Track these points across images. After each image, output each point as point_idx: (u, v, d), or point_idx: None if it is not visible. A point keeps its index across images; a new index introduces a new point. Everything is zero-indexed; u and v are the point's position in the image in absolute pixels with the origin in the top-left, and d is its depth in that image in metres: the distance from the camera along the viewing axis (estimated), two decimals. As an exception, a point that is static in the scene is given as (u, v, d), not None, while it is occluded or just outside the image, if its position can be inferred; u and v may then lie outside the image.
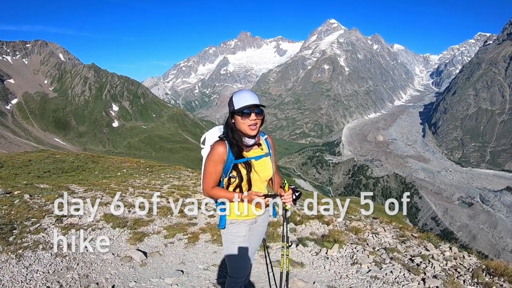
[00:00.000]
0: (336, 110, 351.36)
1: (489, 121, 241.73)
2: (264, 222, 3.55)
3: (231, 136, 3.10)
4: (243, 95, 3.02)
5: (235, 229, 3.29)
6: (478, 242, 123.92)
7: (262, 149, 3.26)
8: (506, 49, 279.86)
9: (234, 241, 3.29)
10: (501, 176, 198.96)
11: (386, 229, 8.98)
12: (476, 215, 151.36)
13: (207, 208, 10.01)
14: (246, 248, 3.34)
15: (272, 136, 3.53)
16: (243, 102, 2.96)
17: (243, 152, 3.13)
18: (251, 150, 3.18)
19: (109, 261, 5.65)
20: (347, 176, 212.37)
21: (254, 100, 2.99)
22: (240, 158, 3.10)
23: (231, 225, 3.28)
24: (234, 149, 3.08)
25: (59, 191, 10.23)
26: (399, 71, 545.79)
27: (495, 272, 5.39)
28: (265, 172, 3.23)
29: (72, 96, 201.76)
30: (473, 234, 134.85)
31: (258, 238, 3.59)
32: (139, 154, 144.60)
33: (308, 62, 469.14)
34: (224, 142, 3.10)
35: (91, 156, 30.49)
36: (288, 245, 3.47)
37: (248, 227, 3.36)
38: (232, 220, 3.27)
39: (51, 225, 6.70)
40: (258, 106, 3.01)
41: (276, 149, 3.59)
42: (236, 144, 3.08)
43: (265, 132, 3.43)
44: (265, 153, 3.27)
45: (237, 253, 3.28)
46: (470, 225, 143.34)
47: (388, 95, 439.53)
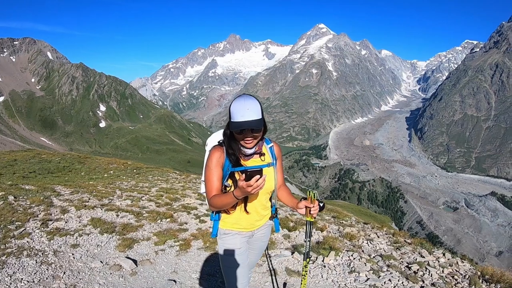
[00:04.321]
0: (323, 114, 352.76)
1: (474, 127, 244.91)
2: (264, 237, 3.27)
3: (227, 145, 2.84)
4: (241, 107, 2.62)
5: (230, 240, 3.00)
6: (463, 246, 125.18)
7: (264, 159, 2.95)
8: (492, 57, 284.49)
9: (229, 253, 3.00)
10: (486, 181, 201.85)
11: (379, 235, 8.98)
12: (461, 220, 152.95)
13: (197, 213, 9.79)
14: (243, 261, 3.04)
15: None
16: (239, 117, 2.61)
17: (240, 160, 2.85)
18: (250, 159, 2.89)
19: (98, 270, 5.34)
20: (333, 179, 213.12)
21: (252, 115, 2.60)
22: (237, 166, 2.80)
23: (224, 235, 3.01)
24: (230, 157, 2.81)
25: (45, 192, 9.90)
26: (387, 76, 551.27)
27: (491, 279, 5.33)
28: (265, 184, 2.67)
29: (59, 95, 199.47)
30: (458, 238, 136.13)
31: (257, 253, 3.33)
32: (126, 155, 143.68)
33: (297, 66, 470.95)
34: (221, 148, 2.85)
35: (77, 157, 30.00)
36: (308, 260, 3.29)
37: (245, 239, 3.08)
38: (225, 230, 3.01)
39: (36, 230, 6.38)
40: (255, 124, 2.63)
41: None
42: (233, 153, 2.81)
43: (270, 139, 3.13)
44: (267, 163, 2.95)
45: (232, 266, 3.01)
46: (455, 229, 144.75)
47: (375, 100, 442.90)
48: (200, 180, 21.20)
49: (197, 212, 9.93)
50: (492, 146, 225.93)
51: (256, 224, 3.07)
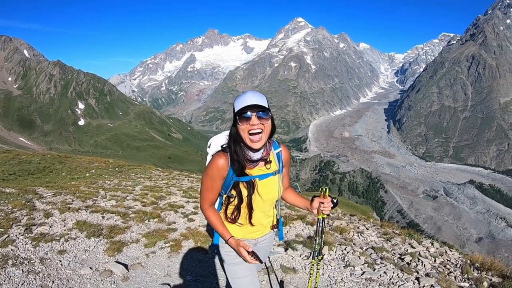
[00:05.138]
0: (302, 107, 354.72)
1: (452, 118, 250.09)
2: (268, 246, 3.04)
3: (232, 148, 2.54)
4: (245, 95, 2.44)
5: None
6: (443, 233, 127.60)
7: (270, 167, 2.67)
8: (469, 49, 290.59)
9: (233, 262, 2.76)
10: (464, 170, 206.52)
11: (367, 227, 8.99)
12: (440, 208, 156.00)
13: (185, 212, 9.61)
14: (252, 269, 2.85)
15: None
16: (244, 103, 2.39)
17: (245, 169, 2.57)
18: (255, 167, 2.61)
19: (88, 277, 5.05)
20: (314, 171, 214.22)
21: (256, 100, 2.39)
22: (242, 175, 2.56)
23: (226, 244, 2.74)
24: (235, 166, 2.53)
25: (27, 195, 9.51)
26: (365, 69, 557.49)
27: (482, 267, 5.50)
28: (269, 194, 2.68)
29: (37, 94, 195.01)
30: (438, 226, 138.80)
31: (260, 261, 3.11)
32: (106, 152, 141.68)
33: (275, 60, 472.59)
34: (225, 155, 2.56)
35: (58, 156, 29.42)
36: (321, 257, 3.07)
37: (250, 245, 2.78)
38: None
39: (20, 236, 5.95)
40: (261, 108, 2.40)
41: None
42: (237, 160, 2.52)
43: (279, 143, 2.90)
44: (273, 171, 2.68)
45: (239, 276, 2.77)
46: (435, 217, 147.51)
47: (354, 92, 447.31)
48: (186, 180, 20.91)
49: (184, 210, 9.71)
50: (469, 136, 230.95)
51: (260, 233, 2.86)
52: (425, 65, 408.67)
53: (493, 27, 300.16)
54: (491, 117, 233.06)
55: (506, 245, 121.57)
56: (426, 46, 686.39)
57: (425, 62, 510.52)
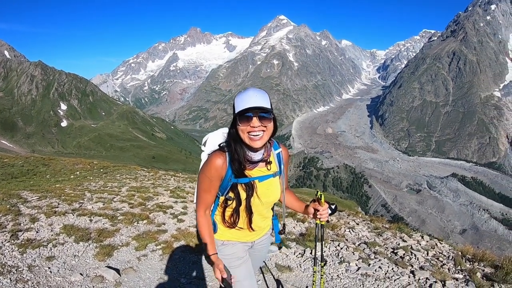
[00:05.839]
0: (285, 104, 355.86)
1: (433, 113, 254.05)
2: (264, 248, 2.92)
3: (233, 148, 2.39)
4: (247, 94, 2.29)
5: (230, 250, 2.65)
6: (428, 226, 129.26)
7: (270, 168, 2.52)
8: (449, 45, 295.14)
9: (233, 264, 2.59)
10: (446, 163, 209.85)
11: (357, 222, 9.13)
12: (424, 201, 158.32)
13: (174, 212, 9.48)
14: (250, 271, 2.71)
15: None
16: (245, 103, 2.24)
17: (245, 170, 2.41)
18: (255, 168, 2.45)
19: (78, 284, 4.84)
20: (298, 168, 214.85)
21: (259, 101, 2.24)
22: (241, 176, 2.41)
23: (223, 246, 2.64)
24: (235, 166, 2.38)
25: (11, 200, 9.25)
26: (347, 66, 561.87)
27: (474, 258, 5.60)
28: (270, 197, 2.54)
29: (18, 96, 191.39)
30: (422, 219, 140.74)
31: (256, 264, 3.00)
32: (90, 153, 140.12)
33: (258, 58, 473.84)
34: (224, 154, 2.41)
35: (41, 159, 28.98)
36: (323, 264, 2.91)
37: (246, 247, 2.74)
38: (224, 241, 2.65)
39: (6, 243, 5.69)
40: (263, 109, 2.25)
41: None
42: (238, 160, 2.37)
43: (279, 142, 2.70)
44: (273, 173, 2.54)
45: (240, 279, 2.57)
46: (419, 210, 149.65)
47: (336, 89, 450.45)
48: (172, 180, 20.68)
49: (173, 211, 9.56)
50: (451, 130, 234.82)
51: (257, 235, 2.74)
52: (406, 61, 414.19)
53: (474, 23, 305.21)
54: (472, 112, 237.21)
55: (489, 236, 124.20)
56: (407, 42, 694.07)
57: (406, 59, 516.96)
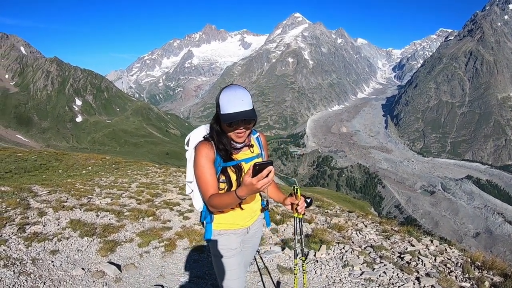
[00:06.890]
0: (300, 102, 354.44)
1: (449, 113, 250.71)
2: (257, 233, 3.02)
3: (216, 139, 2.57)
4: (233, 98, 2.38)
5: (225, 241, 2.72)
6: (441, 229, 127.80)
7: (253, 151, 2.75)
8: (466, 45, 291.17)
9: (225, 255, 2.71)
10: (461, 165, 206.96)
11: (366, 224, 8.92)
12: (438, 203, 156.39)
13: (180, 209, 9.48)
14: (239, 263, 2.78)
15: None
16: (231, 108, 2.37)
17: (232, 154, 2.61)
18: (240, 152, 2.66)
19: (79, 278, 4.92)
20: (311, 167, 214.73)
21: (245, 106, 2.39)
22: (228, 161, 2.59)
23: (219, 236, 2.72)
24: (221, 153, 2.56)
25: (21, 194, 9.37)
26: (362, 64, 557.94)
27: (483, 266, 5.35)
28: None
29: (34, 91, 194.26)
30: (436, 221, 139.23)
31: (252, 251, 3.07)
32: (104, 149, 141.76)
33: (273, 55, 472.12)
34: (210, 143, 2.58)
35: (54, 154, 29.28)
36: (304, 258, 3.10)
37: (240, 238, 2.82)
38: (220, 231, 2.72)
39: (13, 236, 5.81)
40: (250, 115, 2.42)
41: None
42: (224, 148, 2.56)
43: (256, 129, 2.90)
44: (256, 154, 2.76)
45: (229, 268, 2.72)
46: (433, 212, 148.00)
47: (352, 88, 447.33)
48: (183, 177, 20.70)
49: (180, 208, 9.57)
50: (466, 131, 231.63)
51: (251, 220, 2.84)
52: (422, 60, 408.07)
53: (491, 23, 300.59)
54: (488, 113, 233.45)
55: (503, 240, 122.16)
56: (423, 41, 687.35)
57: (422, 58, 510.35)
